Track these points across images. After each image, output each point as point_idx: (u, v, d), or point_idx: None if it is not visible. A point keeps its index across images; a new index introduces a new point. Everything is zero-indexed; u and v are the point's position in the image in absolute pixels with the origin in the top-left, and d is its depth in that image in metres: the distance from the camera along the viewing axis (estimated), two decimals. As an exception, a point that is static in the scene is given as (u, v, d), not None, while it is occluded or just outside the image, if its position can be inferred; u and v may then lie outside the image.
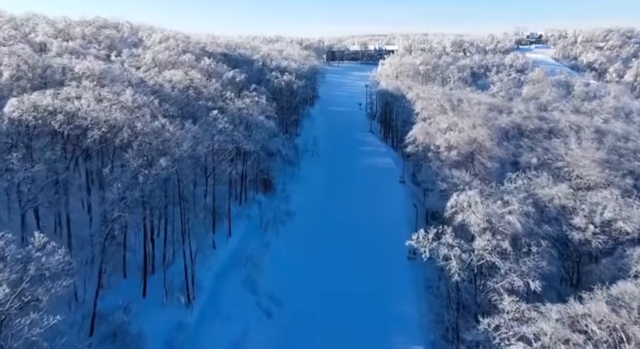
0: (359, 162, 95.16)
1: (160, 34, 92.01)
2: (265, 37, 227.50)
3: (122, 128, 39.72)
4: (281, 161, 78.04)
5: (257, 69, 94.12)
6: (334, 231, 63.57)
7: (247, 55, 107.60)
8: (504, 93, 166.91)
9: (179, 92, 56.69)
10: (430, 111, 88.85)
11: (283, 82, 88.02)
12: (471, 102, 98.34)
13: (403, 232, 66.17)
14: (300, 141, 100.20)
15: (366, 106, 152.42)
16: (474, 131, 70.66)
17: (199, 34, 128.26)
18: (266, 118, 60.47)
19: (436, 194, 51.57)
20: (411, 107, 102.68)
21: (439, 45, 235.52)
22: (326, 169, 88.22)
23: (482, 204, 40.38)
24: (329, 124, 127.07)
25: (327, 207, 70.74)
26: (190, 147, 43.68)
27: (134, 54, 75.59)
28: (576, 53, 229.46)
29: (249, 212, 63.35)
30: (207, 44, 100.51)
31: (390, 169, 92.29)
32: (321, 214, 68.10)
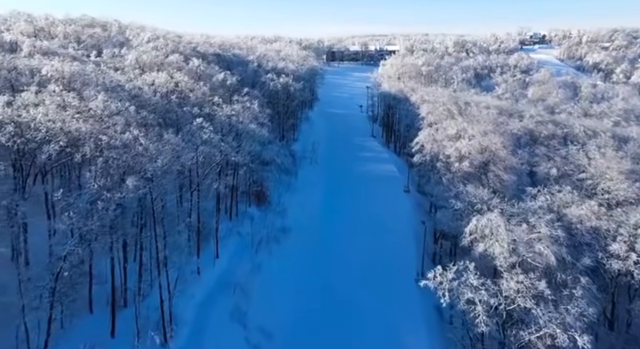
0: (360, 170, 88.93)
1: (150, 33, 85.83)
2: (263, 37, 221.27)
3: (86, 141, 33.57)
4: (277, 170, 71.90)
5: (252, 70, 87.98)
6: (334, 249, 57.36)
7: (242, 55, 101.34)
8: (510, 95, 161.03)
9: (160, 98, 50.49)
10: (437, 115, 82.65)
11: (279, 85, 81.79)
12: (479, 105, 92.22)
13: (411, 252, 60.29)
14: (298, 147, 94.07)
15: (367, 108, 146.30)
16: (486, 138, 64.42)
17: (194, 34, 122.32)
18: (259, 125, 54.32)
19: (448, 212, 45.37)
20: (415, 110, 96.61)
21: (441, 45, 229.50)
22: (325, 178, 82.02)
23: (505, 229, 34.21)
24: (329, 128, 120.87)
25: (326, 222, 64.57)
26: (167, 162, 37.50)
27: (116, 55, 69.35)
28: (581, 53, 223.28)
29: (239, 228, 57.19)
30: (199, 44, 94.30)
31: (394, 178, 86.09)
32: (319, 230, 61.92)
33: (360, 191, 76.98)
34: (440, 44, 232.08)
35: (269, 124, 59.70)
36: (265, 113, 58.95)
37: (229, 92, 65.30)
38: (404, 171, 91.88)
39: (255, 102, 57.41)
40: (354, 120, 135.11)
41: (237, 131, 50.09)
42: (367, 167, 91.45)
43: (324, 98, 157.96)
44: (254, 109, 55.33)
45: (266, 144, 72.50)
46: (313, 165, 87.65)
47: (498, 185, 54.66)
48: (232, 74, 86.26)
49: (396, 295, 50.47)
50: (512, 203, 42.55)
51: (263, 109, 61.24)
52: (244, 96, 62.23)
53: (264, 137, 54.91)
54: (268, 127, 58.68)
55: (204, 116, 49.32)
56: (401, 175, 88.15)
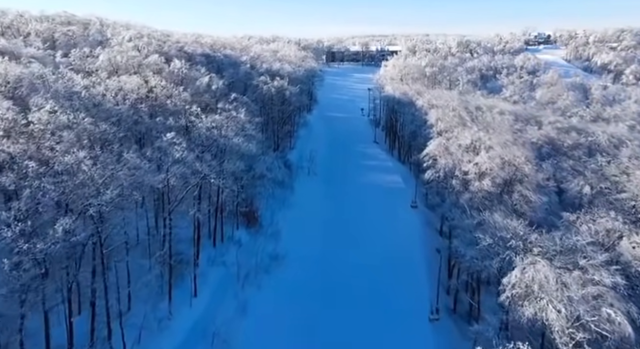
0: (363, 181, 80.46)
1: (133, 31, 77.50)
2: (261, 37, 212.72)
3: (4, 168, 25.36)
4: (270, 184, 63.52)
5: (244, 72, 79.72)
6: (334, 281, 48.98)
7: (235, 56, 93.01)
8: (518, 97, 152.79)
9: (129, 106, 42.13)
10: (447, 122, 74.30)
11: (273, 88, 73.40)
12: (493, 111, 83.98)
13: (422, 283, 51.77)
14: (295, 156, 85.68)
15: (369, 111, 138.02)
16: (507, 150, 56.10)
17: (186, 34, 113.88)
18: (247, 138, 45.96)
19: (472, 248, 36.96)
20: (422, 116, 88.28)
21: (444, 45, 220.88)
22: (325, 191, 73.66)
23: (557, 283, 25.93)
24: (329, 133, 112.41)
25: (325, 245, 56.20)
26: (125, 188, 29.22)
27: (87, 55, 60.94)
28: (589, 54, 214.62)
29: (224, 257, 48.82)
30: (187, 44, 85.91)
31: (400, 190, 77.68)
32: (317, 256, 53.54)
33: (364, 207, 68.69)
34: (443, 44, 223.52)
35: (259, 135, 51.23)
36: (254, 123, 50.43)
37: (215, 97, 57.05)
38: (409, 181, 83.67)
39: (243, 110, 48.82)
40: (355, 124, 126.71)
41: (219, 146, 41.80)
42: (370, 177, 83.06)
43: (323, 100, 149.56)
44: (241, 119, 46.85)
45: (258, 155, 64.29)
46: (311, 176, 79.31)
47: (525, 207, 46.36)
48: (221, 77, 78.07)
49: (408, 337, 42.55)
50: (553, 238, 34.18)
51: (252, 118, 52.99)
52: (232, 102, 53.95)
53: (252, 152, 46.49)
54: (257, 139, 50.26)
55: (180, 129, 40.99)
56: (407, 186, 79.89)
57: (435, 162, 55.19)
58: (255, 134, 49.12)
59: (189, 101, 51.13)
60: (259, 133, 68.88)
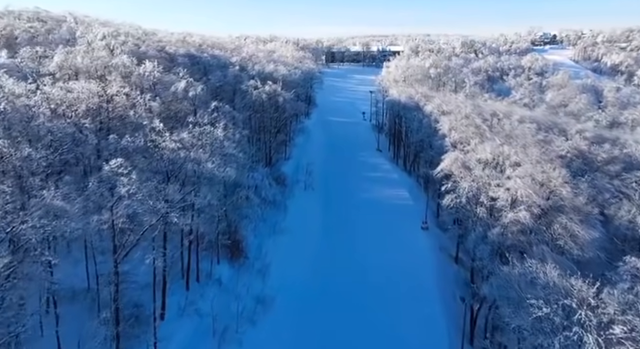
0: (365, 197, 70.97)
1: (107, 29, 68.13)
2: (258, 37, 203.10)
3: None
4: (259, 204, 54.20)
5: (232, 75, 70.39)
6: (334, 331, 39.78)
7: (224, 57, 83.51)
8: (529, 100, 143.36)
9: (66, 123, 32.46)
10: (461, 131, 64.89)
11: (264, 94, 63.88)
12: (512, 118, 74.61)
13: (440, 330, 42.62)
14: (290, 168, 76.31)
15: (371, 115, 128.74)
16: (537, 168, 46.81)
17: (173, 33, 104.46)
18: (225, 159, 36.58)
19: (519, 313, 27.60)
20: (431, 123, 78.96)
21: (448, 45, 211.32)
22: (323, 211, 64.23)
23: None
24: (328, 140, 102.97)
25: (323, 281, 46.71)
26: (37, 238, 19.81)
27: (39, 55, 51.48)
28: (598, 54, 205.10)
29: (199, 303, 39.32)
30: (170, 43, 76.53)
31: (407, 208, 68.33)
32: (314, 295, 44.10)
33: (368, 230, 59.29)
34: (446, 45, 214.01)
35: (248, 148, 41.77)
36: (237, 138, 40.81)
37: (194, 106, 47.75)
38: (417, 196, 74.47)
39: (222, 124, 39.19)
40: (357, 130, 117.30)
41: (187, 173, 32.47)
42: (374, 192, 73.58)
43: (323, 103, 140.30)
44: (218, 136, 37.27)
45: (245, 172, 54.93)
46: (308, 191, 69.92)
47: (571, 244, 37.05)
48: (207, 80, 68.83)
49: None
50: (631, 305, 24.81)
51: (237, 131, 43.57)
52: (212, 113, 44.65)
53: (232, 177, 36.94)
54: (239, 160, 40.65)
55: (139, 150, 31.61)
56: (415, 203, 70.65)
57: (455, 183, 45.66)
58: (237, 153, 39.59)
59: (159, 112, 41.81)
60: (248, 145, 59.69)
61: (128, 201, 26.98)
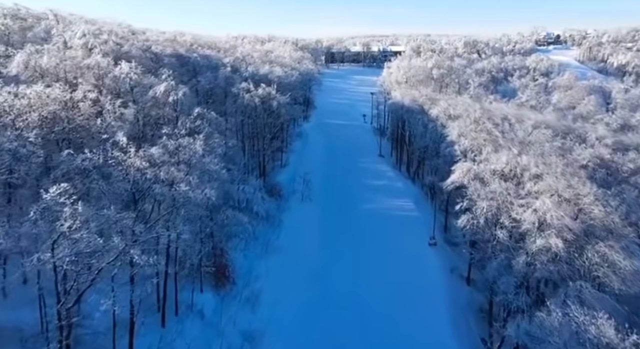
0: (367, 208, 65.43)
1: (87, 27, 62.31)
2: (255, 36, 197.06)
3: None
4: (250, 220, 48.57)
5: (224, 77, 64.69)
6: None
7: (216, 57, 77.68)
8: (535, 102, 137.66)
9: (10, 136, 26.67)
10: (472, 138, 59.22)
11: (257, 98, 58.07)
12: (525, 123, 68.91)
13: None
14: (286, 176, 70.63)
15: (372, 118, 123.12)
16: (562, 181, 41.16)
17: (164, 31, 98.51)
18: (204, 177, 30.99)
19: None
20: (438, 128, 73.37)
21: (450, 46, 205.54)
22: (321, 225, 58.54)
23: None
24: (327, 145, 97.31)
25: (320, 311, 41.17)
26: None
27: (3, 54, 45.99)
28: (604, 55, 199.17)
29: (175, 343, 33.76)
30: (157, 42, 70.69)
31: (413, 220, 62.80)
32: (310, 327, 38.56)
33: (370, 247, 53.79)
34: (449, 45, 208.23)
35: (225, 172, 35.65)
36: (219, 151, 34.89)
37: (175, 112, 42.10)
38: (423, 206, 68.96)
39: (201, 136, 33.40)
40: (357, 134, 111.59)
41: (156, 197, 26.83)
42: (377, 202, 67.99)
43: (322, 105, 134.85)
44: (196, 152, 31.44)
45: (237, 182, 49.45)
46: (305, 203, 64.22)
47: (612, 277, 31.39)
48: (197, 82, 63.21)
49: None
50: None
51: (220, 142, 37.89)
52: (195, 120, 39.00)
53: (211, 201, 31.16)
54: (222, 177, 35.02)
55: (98, 170, 25.88)
56: (421, 213, 65.17)
57: (471, 201, 39.93)
58: (221, 169, 33.88)
59: (134, 120, 36.18)
60: (240, 154, 54.21)
61: (75, 236, 21.34)
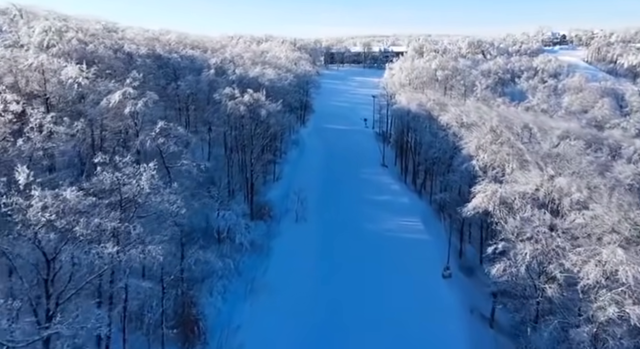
0: (371, 229, 56.91)
1: (49, 23, 53.72)
2: (252, 36, 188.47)
3: None
4: (232, 253, 40.10)
5: (206, 81, 56.11)
6: None
7: (201, 58, 68.98)
8: (547, 105, 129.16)
9: None
10: (492, 151, 50.71)
11: (242, 106, 49.25)
12: (550, 132, 60.42)
13: None
14: (279, 193, 62.11)
15: (373, 122, 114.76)
16: (612, 210, 32.75)
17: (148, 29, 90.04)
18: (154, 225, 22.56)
19: None
20: (449, 137, 65.03)
21: (454, 46, 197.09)
22: (318, 251, 49.82)
23: None
24: (326, 153, 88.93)
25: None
26: None
27: None
28: (613, 55, 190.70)
29: None
30: (132, 41, 61.99)
31: (423, 244, 54.38)
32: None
33: (376, 278, 45.48)
34: (452, 45, 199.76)
35: (184, 215, 26.83)
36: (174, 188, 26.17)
37: (136, 126, 33.57)
38: (432, 226, 60.83)
39: (151, 165, 24.77)
40: (358, 140, 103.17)
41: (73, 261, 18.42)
42: (381, 221, 59.45)
43: (320, 109, 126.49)
44: (142, 188, 22.82)
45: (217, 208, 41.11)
46: (300, 224, 55.74)
47: None
48: (176, 87, 54.68)
49: None
50: None
51: (189, 167, 29.46)
52: (156, 138, 30.53)
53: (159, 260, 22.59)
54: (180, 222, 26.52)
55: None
56: (431, 236, 56.97)
57: (508, 242, 31.31)
58: (180, 208, 25.30)
59: (79, 139, 27.69)
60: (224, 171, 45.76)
61: None
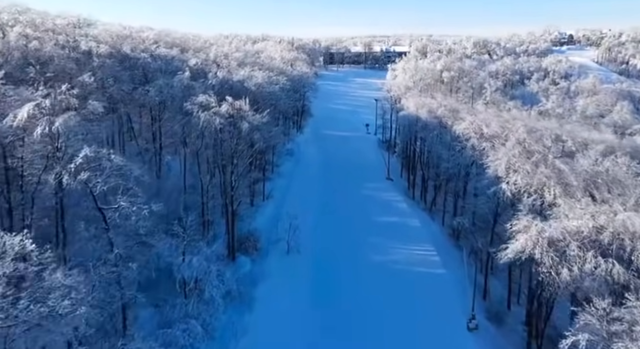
0: (377, 260, 47.14)
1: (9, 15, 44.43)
2: (248, 36, 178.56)
3: None
4: (200, 311, 30.41)
5: (180, 86, 46.34)
6: None
7: (182, 59, 58.85)
8: (562, 110, 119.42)
9: None
10: (526, 173, 40.94)
11: (219, 118, 39.12)
12: (589, 145, 50.68)
13: None
14: (267, 217, 52.32)
15: (376, 128, 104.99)
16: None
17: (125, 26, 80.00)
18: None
19: None
20: (466, 150, 55.43)
21: (459, 46, 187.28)
22: (313, 296, 39.93)
23: None
24: (324, 164, 79.27)
25: None
26: None
27: None
28: (624, 56, 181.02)
29: None
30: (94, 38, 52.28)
31: (440, 280, 44.82)
32: None
33: (387, 332, 35.83)
34: (456, 45, 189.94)
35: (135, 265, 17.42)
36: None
37: (57, 152, 23.73)
38: (449, 256, 51.17)
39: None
40: (360, 148, 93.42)
41: None
42: (389, 251, 49.69)
43: (319, 112, 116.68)
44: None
45: (181, 253, 31.56)
46: (292, 257, 45.95)
47: None
48: (145, 93, 44.90)
49: None
50: None
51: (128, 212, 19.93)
52: (80, 170, 21.00)
53: None
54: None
55: None
56: (448, 271, 47.16)
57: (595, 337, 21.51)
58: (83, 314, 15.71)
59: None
60: (196, 199, 36.28)
61: None
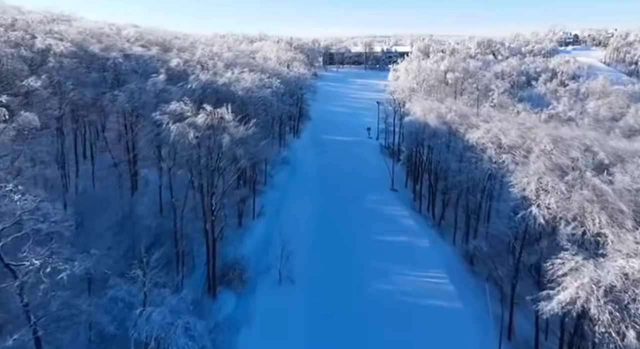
0: (382, 291, 40.51)
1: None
2: (245, 35, 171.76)
3: None
4: None
5: (153, 90, 39.77)
6: None
7: (159, 59, 52.20)
8: (574, 113, 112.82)
9: None
10: (560, 193, 34.32)
11: (193, 133, 31.73)
12: (630, 160, 44.09)
13: None
14: (256, 240, 45.67)
15: (378, 133, 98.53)
16: None
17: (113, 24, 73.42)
18: None
19: None
20: (482, 162, 48.92)
21: (462, 46, 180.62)
22: (306, 346, 33.63)
23: None
24: (323, 174, 72.62)
25: None
26: None
27: None
28: (634, 56, 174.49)
29: None
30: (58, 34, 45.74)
31: (457, 317, 38.29)
32: None
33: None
34: (459, 45, 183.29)
35: None
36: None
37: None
38: (463, 285, 44.76)
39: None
40: (362, 155, 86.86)
41: None
42: (396, 280, 42.99)
43: (318, 115, 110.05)
44: None
45: (141, 303, 24.93)
46: (284, 288, 39.30)
47: None
48: (114, 98, 38.29)
49: None
50: None
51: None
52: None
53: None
54: None
55: None
56: (465, 305, 40.55)
57: None
58: None
59: None
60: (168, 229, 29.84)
61: None
